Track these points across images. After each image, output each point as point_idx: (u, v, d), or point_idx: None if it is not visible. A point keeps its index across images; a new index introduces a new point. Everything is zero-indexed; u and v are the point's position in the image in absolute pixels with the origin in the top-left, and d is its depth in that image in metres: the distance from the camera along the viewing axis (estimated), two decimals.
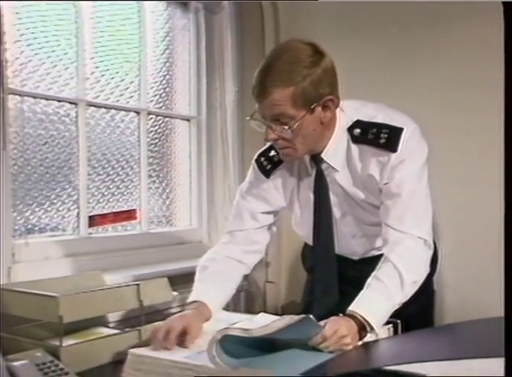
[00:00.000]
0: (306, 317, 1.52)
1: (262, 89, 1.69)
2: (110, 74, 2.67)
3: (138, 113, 2.82)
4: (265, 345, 1.50)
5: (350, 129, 1.83)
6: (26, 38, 2.30)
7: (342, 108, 1.83)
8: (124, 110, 2.75)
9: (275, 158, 1.95)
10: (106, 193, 2.68)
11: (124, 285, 1.95)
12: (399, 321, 1.74)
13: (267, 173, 1.98)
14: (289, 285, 3.29)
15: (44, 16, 2.37)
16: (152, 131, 2.91)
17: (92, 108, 2.59)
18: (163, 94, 2.97)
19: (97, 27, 2.60)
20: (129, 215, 2.78)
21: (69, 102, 2.48)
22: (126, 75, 2.75)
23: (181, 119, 3.09)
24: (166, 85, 2.99)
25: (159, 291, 1.95)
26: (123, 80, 2.74)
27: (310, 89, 1.68)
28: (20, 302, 1.79)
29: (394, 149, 1.76)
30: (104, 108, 2.66)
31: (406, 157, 1.77)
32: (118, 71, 2.71)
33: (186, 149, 3.10)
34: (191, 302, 1.81)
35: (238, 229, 2.01)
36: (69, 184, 2.49)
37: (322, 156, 1.85)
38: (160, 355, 1.53)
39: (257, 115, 1.78)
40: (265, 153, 1.99)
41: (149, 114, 2.88)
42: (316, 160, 1.87)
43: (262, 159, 2.00)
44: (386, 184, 1.79)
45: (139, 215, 2.81)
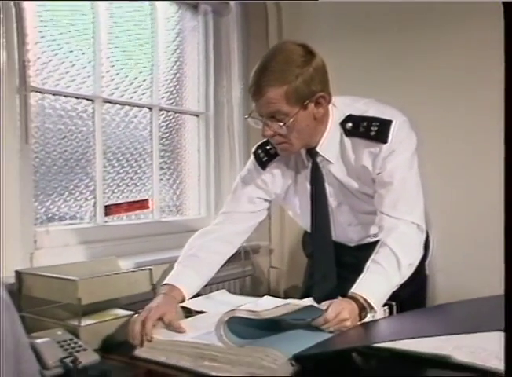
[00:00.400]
0: (309, 306, 1.55)
1: (258, 88, 1.71)
2: (124, 72, 2.69)
3: (150, 109, 2.83)
4: (270, 326, 1.52)
5: (343, 123, 1.84)
6: (46, 40, 2.31)
7: (335, 104, 1.84)
8: (137, 106, 2.76)
9: (271, 151, 1.96)
10: (120, 184, 2.69)
11: (137, 270, 1.97)
12: (394, 303, 1.75)
13: (263, 164, 1.99)
14: (291, 270, 3.30)
15: (63, 19, 2.38)
16: (163, 126, 2.92)
17: (107, 105, 2.61)
18: (174, 91, 2.98)
19: (113, 29, 2.62)
20: (142, 205, 2.79)
21: (86, 99, 2.50)
22: (140, 74, 2.76)
23: (191, 115, 3.10)
24: (177, 82, 3.00)
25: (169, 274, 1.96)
26: (137, 78, 2.75)
27: (303, 86, 1.69)
28: (42, 285, 1.80)
29: (384, 140, 1.77)
30: (119, 105, 2.67)
31: (396, 148, 1.78)
32: (132, 70, 2.72)
33: (195, 143, 3.12)
34: (164, 284, 1.81)
35: (234, 211, 2.02)
36: (86, 175, 2.51)
37: (317, 150, 1.86)
38: (171, 337, 1.56)
39: (254, 113, 1.79)
40: (263, 146, 2.00)
41: (161, 110, 2.89)
42: (312, 153, 1.88)
43: (259, 151, 2.01)
44: (379, 174, 1.80)
45: (151, 205, 2.83)
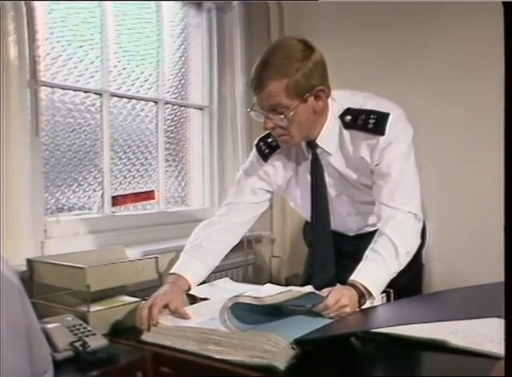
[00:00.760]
0: (311, 292, 1.56)
1: (259, 82, 1.71)
2: (131, 67, 2.69)
3: (156, 103, 2.83)
4: (272, 312, 1.52)
5: (342, 116, 1.84)
6: (56, 36, 2.32)
7: (334, 98, 1.84)
8: (143, 100, 2.77)
9: (273, 143, 1.96)
10: (127, 176, 2.70)
11: (144, 258, 1.97)
12: (391, 290, 1.76)
13: (265, 157, 1.99)
14: (292, 259, 3.31)
15: (72, 15, 2.38)
16: (169, 119, 2.93)
17: (115, 98, 2.61)
18: (179, 85, 2.99)
19: (120, 26, 2.62)
20: (148, 195, 2.80)
21: (94, 93, 2.51)
22: (146, 68, 2.77)
23: (195, 108, 3.10)
24: (182, 77, 3.00)
25: (175, 264, 1.95)
26: (143, 73, 2.75)
27: (302, 80, 1.69)
28: (52, 273, 1.81)
29: (382, 133, 1.77)
30: (126, 98, 2.68)
31: (393, 140, 1.78)
32: (138, 65, 2.73)
33: (199, 136, 3.12)
34: (171, 273, 1.82)
35: (237, 202, 2.02)
36: (94, 167, 2.52)
37: (317, 142, 1.86)
38: (177, 323, 1.57)
39: (256, 107, 1.79)
40: (265, 139, 2.00)
41: (166, 103, 2.89)
42: (312, 146, 1.88)
43: (261, 144, 2.00)
44: (377, 165, 1.81)
45: (157, 196, 2.84)
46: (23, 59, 2.06)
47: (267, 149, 1.99)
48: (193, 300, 1.86)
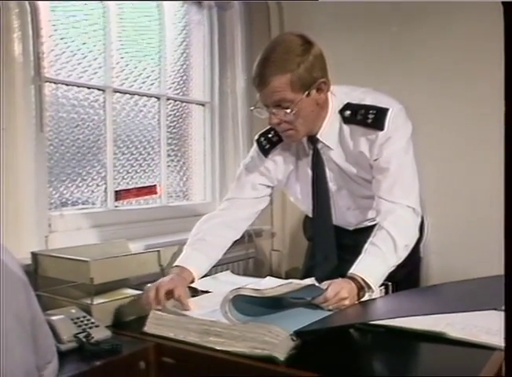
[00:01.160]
0: (311, 284, 1.56)
1: (262, 79, 1.71)
2: (134, 64, 2.68)
3: (158, 98, 2.83)
4: (273, 304, 1.53)
5: (341, 111, 1.84)
6: (60, 33, 2.31)
7: (334, 93, 1.84)
8: (146, 96, 2.76)
9: (273, 138, 1.97)
10: (130, 170, 2.70)
11: (146, 251, 1.98)
12: (390, 283, 1.76)
13: (265, 152, 1.99)
14: (292, 253, 3.31)
15: (75, 12, 2.37)
16: (171, 115, 2.92)
17: (118, 94, 2.60)
18: (181, 82, 2.98)
19: (122, 23, 2.61)
20: (150, 190, 2.79)
21: (98, 89, 2.50)
22: (148, 65, 2.76)
23: (197, 104, 3.09)
24: (183, 73, 3.00)
25: (177, 257, 1.95)
26: (145, 69, 2.75)
27: (305, 74, 1.70)
28: (57, 266, 1.81)
29: (381, 128, 1.77)
30: (129, 94, 2.67)
31: (392, 135, 1.78)
32: (140, 61, 2.72)
33: (201, 131, 3.11)
34: (175, 266, 1.82)
35: (238, 197, 2.02)
36: (98, 162, 2.52)
37: (318, 137, 1.87)
38: (179, 314, 1.57)
39: (260, 104, 1.79)
40: (265, 134, 2.00)
41: (168, 99, 2.89)
42: (313, 140, 1.89)
43: (262, 139, 2.01)
44: (376, 160, 1.81)
45: (159, 190, 2.83)
46: (27, 55, 2.06)
47: (268, 144, 1.99)
48: (195, 293, 1.87)
